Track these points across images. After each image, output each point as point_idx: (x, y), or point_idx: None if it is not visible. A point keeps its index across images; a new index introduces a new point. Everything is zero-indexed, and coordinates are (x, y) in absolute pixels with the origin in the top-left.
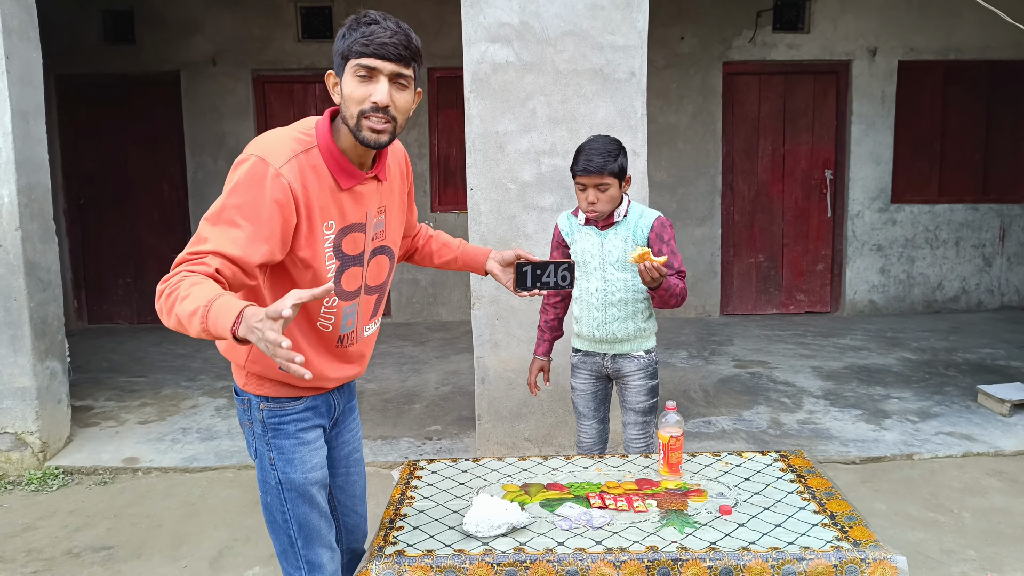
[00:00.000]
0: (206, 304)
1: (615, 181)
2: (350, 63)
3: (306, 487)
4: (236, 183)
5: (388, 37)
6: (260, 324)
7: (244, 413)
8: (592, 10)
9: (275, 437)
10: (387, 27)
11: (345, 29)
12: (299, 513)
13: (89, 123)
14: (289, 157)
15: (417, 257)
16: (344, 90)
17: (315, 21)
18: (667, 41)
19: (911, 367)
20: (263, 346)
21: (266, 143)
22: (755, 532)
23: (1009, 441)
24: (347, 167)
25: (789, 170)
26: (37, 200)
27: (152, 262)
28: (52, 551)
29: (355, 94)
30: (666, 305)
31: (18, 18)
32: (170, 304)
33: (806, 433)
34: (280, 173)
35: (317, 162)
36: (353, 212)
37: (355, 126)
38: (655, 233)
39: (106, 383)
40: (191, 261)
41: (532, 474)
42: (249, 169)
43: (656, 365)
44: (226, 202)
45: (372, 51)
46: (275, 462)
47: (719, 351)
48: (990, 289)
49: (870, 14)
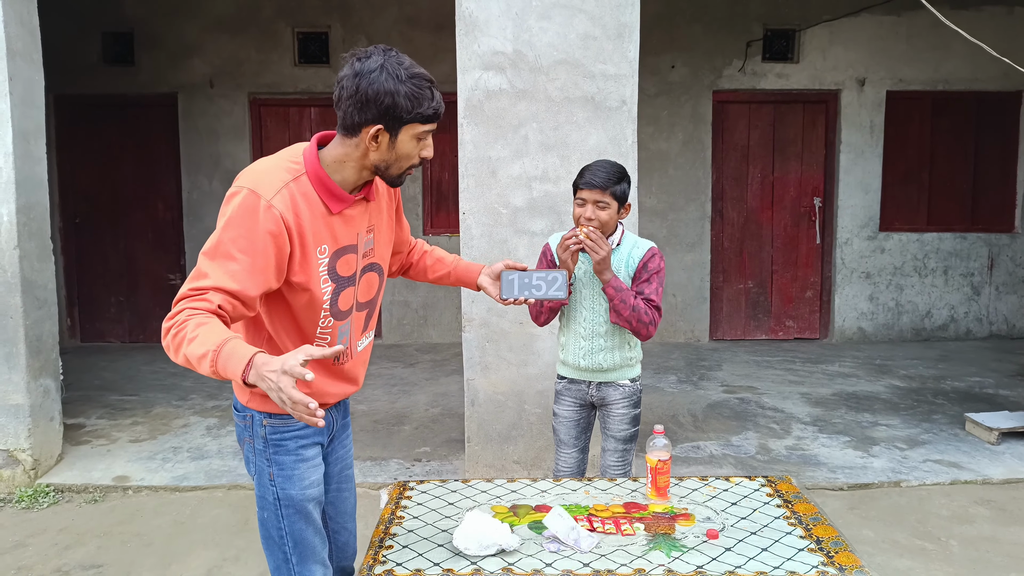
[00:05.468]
0: (215, 349)
1: (615, 203)
2: (414, 128)
3: (303, 504)
4: (230, 217)
5: (441, 105)
6: (275, 377)
7: (245, 429)
8: (584, 40)
9: (276, 453)
10: (440, 95)
11: (403, 87)
12: (295, 530)
13: (86, 143)
14: (279, 187)
15: (412, 272)
16: (399, 149)
17: (312, 46)
18: (658, 69)
19: (899, 395)
20: (275, 395)
21: (256, 175)
22: (742, 556)
23: (997, 469)
24: (336, 192)
25: (778, 197)
26: (36, 219)
27: (146, 281)
28: (42, 569)
29: (412, 153)
30: (622, 320)
31: (22, 40)
32: (177, 343)
33: (794, 459)
34: (272, 204)
35: (307, 189)
36: (344, 235)
37: (397, 176)
38: (643, 263)
39: (98, 401)
40: (193, 298)
41: (521, 496)
42: (241, 202)
43: (640, 394)
44: (222, 236)
45: (437, 118)
46: (275, 478)
47: (708, 376)
48: (979, 318)
49: (859, 45)
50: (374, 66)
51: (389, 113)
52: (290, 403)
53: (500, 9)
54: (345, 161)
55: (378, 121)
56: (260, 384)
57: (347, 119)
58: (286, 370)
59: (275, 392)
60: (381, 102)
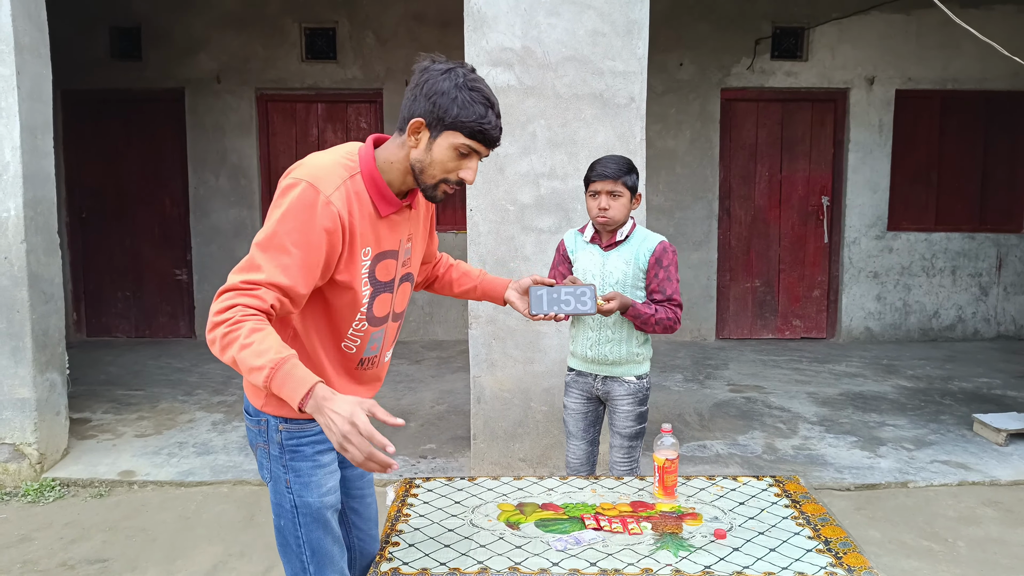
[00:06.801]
0: (273, 366)
1: (627, 192)
2: (456, 136)
3: (321, 511)
4: (287, 209)
5: (498, 132)
6: (340, 423)
7: (259, 435)
8: (593, 36)
9: (292, 459)
10: (498, 122)
11: (459, 93)
12: (313, 538)
13: (93, 137)
14: (338, 184)
15: (437, 286)
16: (435, 153)
17: (318, 42)
18: (666, 67)
19: (907, 395)
20: (335, 439)
21: (315, 169)
22: (749, 556)
23: (1005, 471)
24: (387, 195)
25: (786, 196)
26: (42, 213)
27: (152, 276)
28: (47, 563)
29: (448, 164)
30: (645, 329)
31: (30, 35)
32: (228, 343)
33: (801, 459)
34: (331, 201)
35: (360, 188)
36: (388, 239)
37: (431, 186)
38: (655, 257)
39: (104, 396)
40: (245, 291)
41: (527, 494)
42: (300, 195)
43: (647, 392)
44: (277, 228)
45: (483, 139)
46: (291, 485)
47: (714, 375)
48: (986, 318)
49: (868, 43)
50: (443, 68)
51: (435, 110)
52: (359, 455)
53: (509, 5)
54: (393, 162)
55: (424, 115)
56: (318, 417)
57: (402, 111)
58: (355, 423)
59: (336, 436)
60: (432, 97)
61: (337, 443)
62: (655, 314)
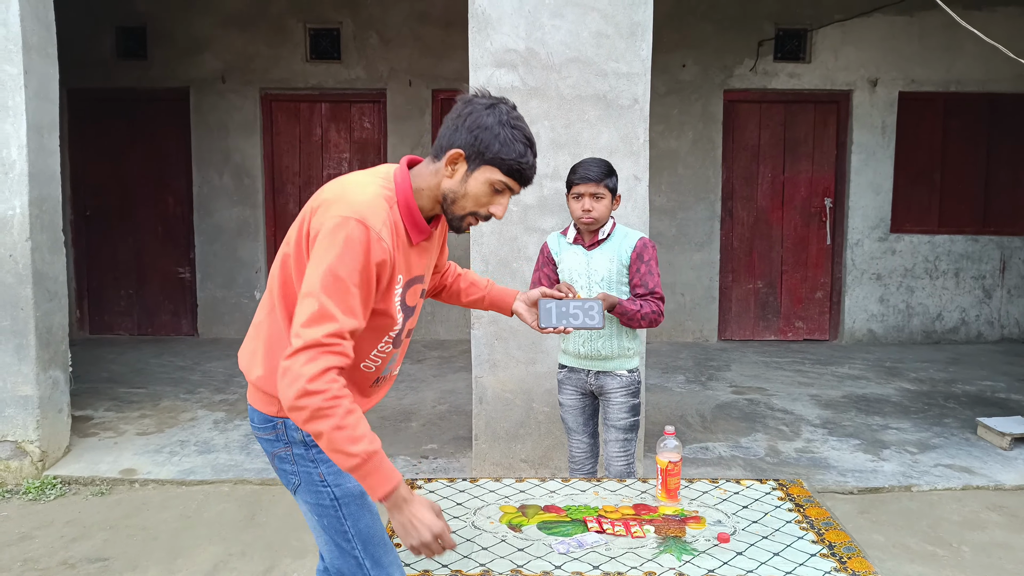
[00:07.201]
0: (366, 457)
1: (609, 194)
2: (493, 172)
3: (364, 494)
4: (342, 249)
5: (534, 172)
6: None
7: (277, 440)
8: (597, 38)
9: (320, 451)
10: (535, 162)
11: (501, 129)
12: (361, 527)
13: (98, 136)
14: (384, 219)
15: (445, 295)
16: (470, 186)
17: (323, 42)
18: (669, 68)
19: (910, 398)
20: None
21: (361, 206)
22: (753, 561)
23: (1009, 475)
24: (419, 223)
25: (788, 197)
26: (48, 212)
27: (155, 275)
28: (48, 561)
29: (481, 199)
30: (631, 325)
31: (38, 35)
32: (319, 416)
33: (804, 462)
34: (381, 237)
35: (397, 218)
36: (417, 265)
37: (458, 217)
38: (636, 253)
39: (106, 393)
40: (331, 349)
41: (530, 496)
42: (351, 234)
43: (639, 384)
44: (338, 271)
45: (519, 178)
46: (325, 477)
47: (716, 376)
48: (990, 321)
49: (871, 45)
50: (487, 103)
51: (476, 144)
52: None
53: (513, 6)
54: (423, 189)
55: (464, 147)
56: (395, 515)
57: (440, 139)
58: (436, 533)
59: (413, 540)
60: (474, 131)
61: (411, 545)
62: (640, 310)
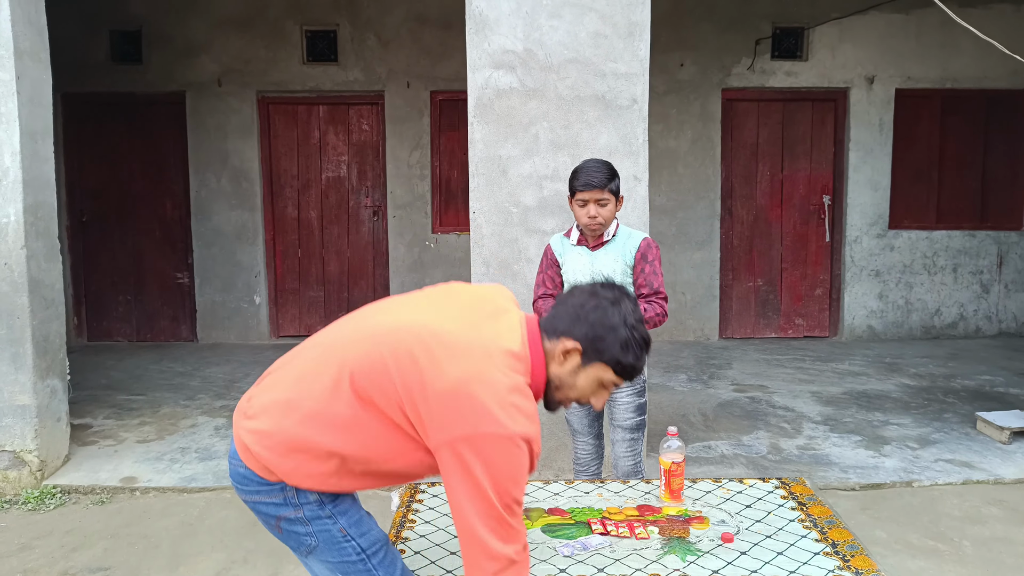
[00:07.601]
0: None
1: (612, 198)
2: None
3: (386, 538)
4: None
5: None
6: None
7: (284, 504)
8: (595, 38)
9: (336, 504)
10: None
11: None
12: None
13: (94, 141)
14: (539, 428)
15: None
16: (580, 380)
17: (320, 44)
18: (667, 67)
19: (910, 393)
20: None
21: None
22: (757, 560)
23: (1009, 469)
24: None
25: (787, 195)
26: (43, 219)
27: (153, 280)
28: (48, 572)
29: (586, 392)
30: None
31: (30, 39)
32: None
33: (806, 459)
34: (537, 452)
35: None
36: None
37: (558, 402)
38: (640, 253)
39: (105, 401)
40: (522, 563)
41: (533, 499)
42: (523, 455)
43: (644, 383)
44: (515, 493)
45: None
46: (347, 531)
47: (718, 375)
48: (988, 316)
49: (868, 43)
50: (612, 298)
51: (596, 342)
52: None
53: (510, 8)
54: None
55: (582, 341)
56: None
57: (556, 320)
58: None
59: None
60: (596, 328)
61: None
62: (645, 313)
